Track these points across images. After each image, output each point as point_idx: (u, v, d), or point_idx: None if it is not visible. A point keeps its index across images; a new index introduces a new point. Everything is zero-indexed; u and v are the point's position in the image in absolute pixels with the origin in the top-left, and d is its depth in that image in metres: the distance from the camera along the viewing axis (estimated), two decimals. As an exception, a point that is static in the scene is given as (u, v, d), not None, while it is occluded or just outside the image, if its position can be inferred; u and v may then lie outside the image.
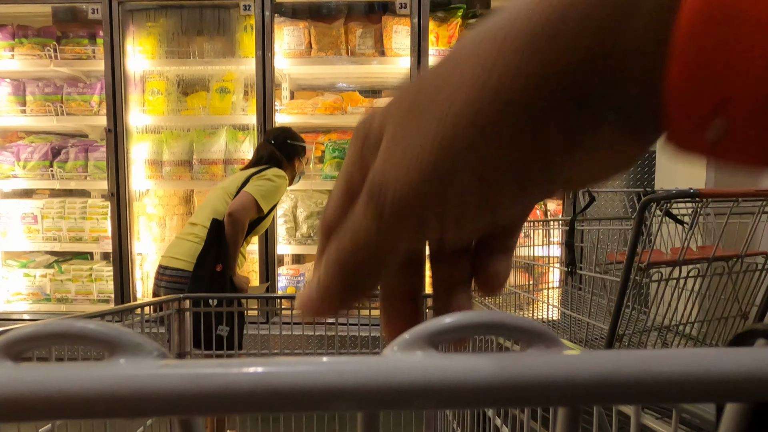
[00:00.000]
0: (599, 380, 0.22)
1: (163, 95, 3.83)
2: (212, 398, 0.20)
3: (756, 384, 0.23)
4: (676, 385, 0.22)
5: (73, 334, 0.22)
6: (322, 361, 0.21)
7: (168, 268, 2.62)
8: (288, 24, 3.71)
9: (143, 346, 0.21)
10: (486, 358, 0.22)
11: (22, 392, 0.19)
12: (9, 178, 3.84)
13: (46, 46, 3.75)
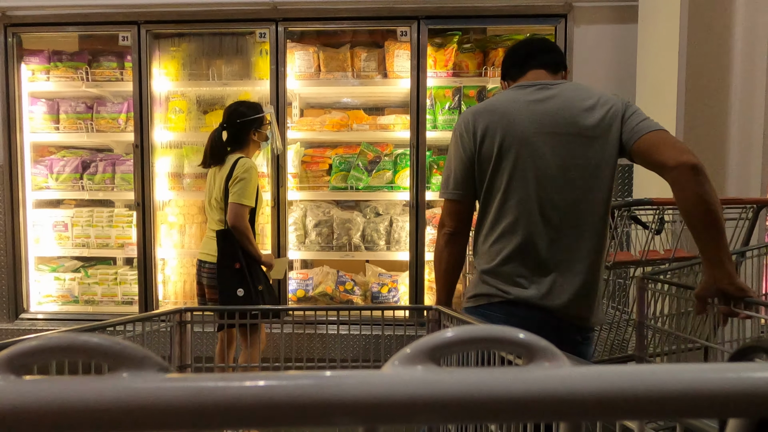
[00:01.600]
0: (601, 396, 0.20)
1: (184, 113, 3.83)
2: (214, 412, 0.19)
3: (758, 400, 0.21)
4: (678, 401, 0.21)
5: (76, 348, 0.20)
6: (323, 375, 0.20)
7: (205, 262, 2.87)
8: (299, 48, 3.72)
9: (146, 359, 0.20)
10: (487, 372, 0.20)
11: (26, 406, 0.18)
12: (42, 189, 3.84)
13: (78, 69, 3.77)
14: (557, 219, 1.59)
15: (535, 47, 1.73)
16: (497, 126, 1.62)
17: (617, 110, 1.58)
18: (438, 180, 3.69)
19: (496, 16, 3.49)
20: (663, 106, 2.94)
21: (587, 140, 1.57)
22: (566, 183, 1.58)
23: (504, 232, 1.63)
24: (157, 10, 3.53)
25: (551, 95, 1.62)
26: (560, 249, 1.59)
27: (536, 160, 1.59)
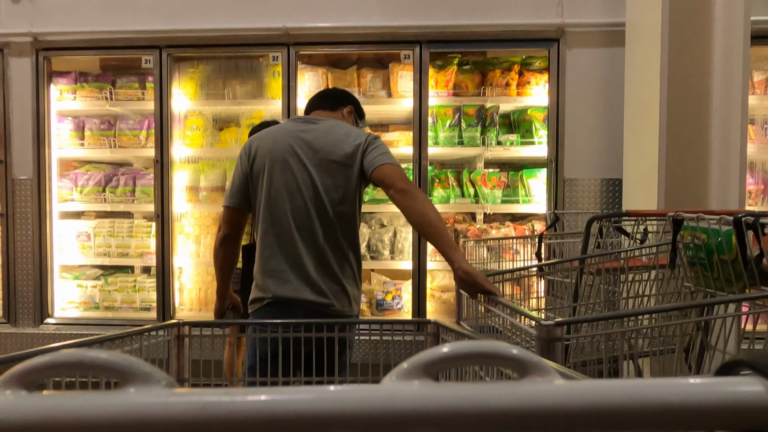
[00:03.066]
0: (592, 410, 0.20)
1: (201, 130, 3.85)
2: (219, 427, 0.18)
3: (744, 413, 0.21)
4: (667, 415, 0.20)
5: (85, 364, 0.20)
6: (324, 390, 0.19)
7: None
8: (309, 70, 3.74)
9: (152, 375, 0.19)
10: (481, 387, 0.20)
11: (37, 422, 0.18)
12: (67, 201, 3.85)
13: (103, 90, 3.79)
14: (307, 226, 1.85)
15: (323, 94, 2.10)
16: (267, 149, 1.88)
17: (361, 145, 1.87)
18: (439, 193, 3.69)
19: (493, 41, 3.50)
20: (648, 126, 2.94)
21: (337, 165, 1.86)
22: (315, 197, 1.85)
23: (267, 238, 1.88)
24: (178, 36, 3.56)
25: (313, 128, 1.91)
26: (317, 248, 1.85)
27: (290, 177, 1.85)
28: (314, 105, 2.05)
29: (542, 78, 3.63)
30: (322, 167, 1.85)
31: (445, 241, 1.72)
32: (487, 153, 3.78)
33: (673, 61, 2.77)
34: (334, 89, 2.13)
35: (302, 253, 1.84)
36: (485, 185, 3.73)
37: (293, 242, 1.84)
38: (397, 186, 1.78)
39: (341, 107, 2.04)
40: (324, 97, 2.07)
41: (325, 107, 2.02)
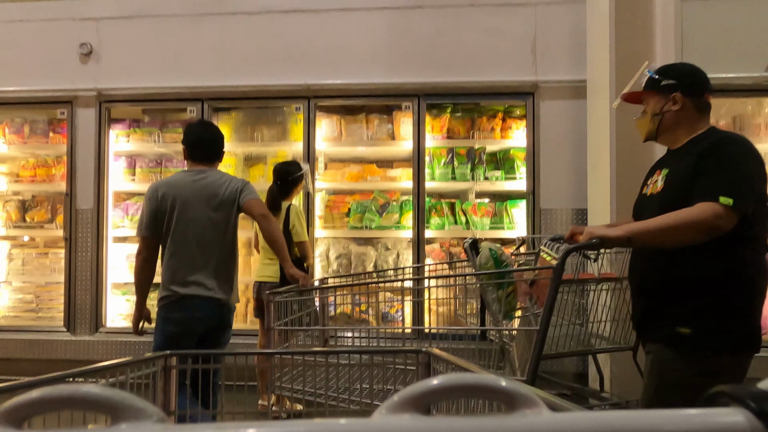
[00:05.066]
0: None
1: (233, 168, 3.86)
2: (209, 461, 0.16)
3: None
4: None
5: (77, 399, 0.16)
6: (314, 423, 0.17)
7: (265, 283, 2.97)
8: (325, 117, 3.76)
9: (144, 411, 0.16)
10: (470, 421, 0.17)
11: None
12: (118, 228, 3.84)
13: (152, 134, 3.83)
14: (207, 243, 2.20)
15: (205, 152, 2.35)
16: (171, 193, 2.22)
17: (238, 187, 2.28)
18: (436, 221, 3.66)
19: (480, 94, 3.54)
20: (602, 165, 2.96)
21: (221, 203, 2.24)
22: (209, 227, 2.22)
23: (177, 255, 2.20)
24: (217, 90, 3.61)
25: (203, 177, 2.27)
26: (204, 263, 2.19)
27: (192, 214, 2.20)
28: (201, 159, 2.34)
29: (522, 124, 3.64)
30: (213, 205, 2.24)
31: (282, 254, 2.31)
32: (476, 187, 3.77)
33: (621, 111, 2.80)
34: (212, 146, 2.37)
35: (202, 265, 2.19)
36: (475, 214, 3.71)
37: (195, 258, 2.19)
38: (259, 213, 2.27)
39: (219, 161, 2.43)
40: (208, 156, 2.36)
41: (209, 162, 2.35)
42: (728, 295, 1.44)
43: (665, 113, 1.56)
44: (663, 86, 1.56)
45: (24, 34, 3.70)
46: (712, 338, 1.44)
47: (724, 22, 3.31)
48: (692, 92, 1.54)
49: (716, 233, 1.38)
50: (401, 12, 3.54)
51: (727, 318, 1.44)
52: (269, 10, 3.61)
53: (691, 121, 1.55)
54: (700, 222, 1.37)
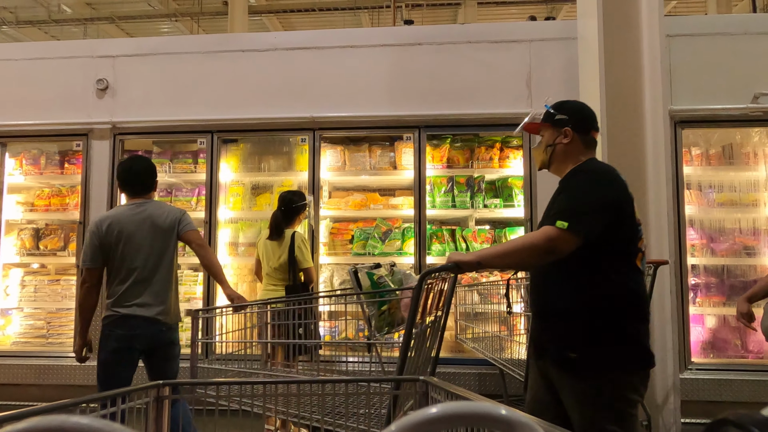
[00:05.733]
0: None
1: (241, 196, 4.10)
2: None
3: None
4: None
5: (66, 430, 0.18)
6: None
7: None
8: (329, 148, 4.02)
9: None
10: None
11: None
12: (130, 255, 4.05)
13: (163, 164, 4.08)
14: (147, 271, 2.49)
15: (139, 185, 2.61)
16: (115, 226, 2.50)
17: (177, 218, 2.59)
18: (437, 248, 3.87)
19: (478, 125, 3.79)
20: None
21: (163, 232, 2.54)
22: (150, 254, 2.50)
23: (121, 281, 2.48)
24: (227, 122, 3.88)
25: (144, 209, 2.56)
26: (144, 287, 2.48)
27: (135, 244, 2.49)
28: (138, 192, 2.62)
29: (519, 153, 3.88)
30: (154, 235, 2.53)
31: (219, 277, 2.62)
32: (476, 214, 3.98)
33: (612, 140, 3.04)
34: (146, 179, 2.63)
35: (141, 289, 2.48)
36: (475, 240, 3.91)
37: (136, 283, 2.48)
38: (197, 243, 2.61)
39: (153, 190, 2.70)
40: (143, 189, 2.63)
41: (145, 193, 2.64)
42: (606, 318, 1.57)
43: (557, 145, 1.76)
44: (557, 120, 1.77)
45: (45, 71, 4.01)
46: (599, 359, 1.55)
47: (710, 56, 3.58)
48: (581, 128, 1.76)
49: (555, 254, 1.55)
50: (402, 48, 3.83)
51: (610, 339, 1.56)
52: (277, 47, 3.91)
53: (577, 154, 1.75)
54: (535, 244, 1.56)
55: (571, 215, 1.55)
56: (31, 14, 10.17)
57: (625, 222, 1.62)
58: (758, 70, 3.53)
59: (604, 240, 1.57)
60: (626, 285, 1.61)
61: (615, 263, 1.61)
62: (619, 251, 1.62)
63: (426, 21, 9.90)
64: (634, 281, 1.62)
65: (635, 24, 3.19)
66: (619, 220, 1.61)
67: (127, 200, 2.63)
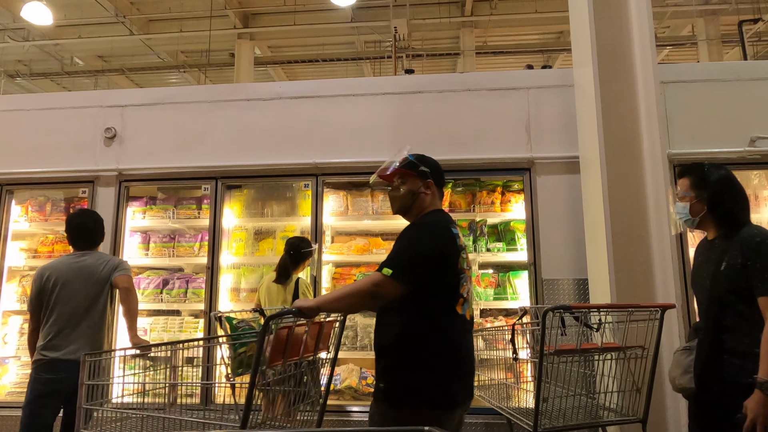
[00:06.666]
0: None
1: (244, 242, 4.13)
2: None
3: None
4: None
5: None
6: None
7: None
8: (332, 193, 4.08)
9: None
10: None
11: None
12: (130, 301, 4.05)
13: (167, 210, 4.14)
14: (78, 314, 2.69)
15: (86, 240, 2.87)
16: (55, 274, 2.74)
17: (114, 266, 2.81)
18: (439, 292, 3.84)
19: (479, 170, 3.85)
20: (599, 237, 3.19)
21: (97, 281, 2.76)
22: (82, 301, 2.71)
23: (52, 326, 2.69)
24: (231, 169, 3.97)
25: (83, 259, 2.80)
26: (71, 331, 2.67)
27: (68, 291, 2.71)
28: (83, 246, 2.87)
29: (520, 197, 3.93)
30: (89, 282, 2.75)
31: (131, 323, 2.76)
32: (479, 258, 3.99)
33: (613, 185, 3.10)
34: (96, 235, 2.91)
35: (68, 333, 2.66)
36: (479, 285, 3.90)
37: (66, 328, 2.66)
38: (122, 286, 2.78)
39: (99, 244, 2.94)
40: (89, 243, 2.89)
41: (90, 246, 2.88)
42: (416, 358, 1.74)
43: (420, 194, 1.94)
44: (421, 171, 1.95)
45: (55, 120, 4.15)
46: (403, 394, 1.73)
47: (705, 102, 3.69)
48: (439, 183, 1.99)
49: (381, 298, 1.75)
50: (403, 96, 3.96)
51: (417, 377, 1.72)
52: (281, 96, 4.06)
53: (431, 205, 1.95)
54: (363, 289, 1.74)
55: (396, 264, 1.74)
56: (45, 67, 10.60)
57: (447, 272, 1.80)
58: (753, 115, 3.62)
59: (426, 287, 1.75)
60: (440, 329, 1.77)
61: (434, 309, 1.78)
62: (440, 298, 1.79)
63: (426, 70, 10.27)
64: (450, 326, 1.78)
65: (630, 71, 3.32)
66: (441, 270, 1.79)
67: (73, 251, 2.87)
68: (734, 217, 1.87)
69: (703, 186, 1.92)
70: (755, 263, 1.74)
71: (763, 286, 1.71)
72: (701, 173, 1.94)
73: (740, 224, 1.85)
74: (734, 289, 1.78)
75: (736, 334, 1.77)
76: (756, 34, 8.80)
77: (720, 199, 1.89)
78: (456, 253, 1.83)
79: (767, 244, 1.75)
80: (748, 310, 1.75)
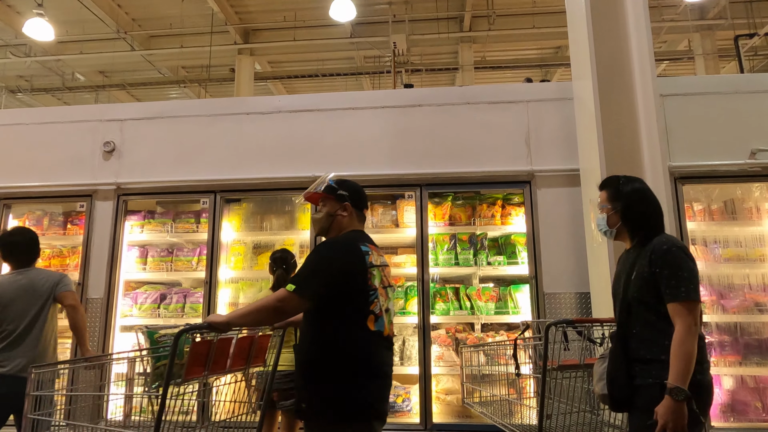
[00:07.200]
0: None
1: (242, 256, 4.09)
2: None
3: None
4: None
5: None
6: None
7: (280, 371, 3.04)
8: (331, 207, 4.05)
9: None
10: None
11: None
12: (126, 317, 4.00)
13: (165, 224, 4.12)
14: (22, 331, 2.70)
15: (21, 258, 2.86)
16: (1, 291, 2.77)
17: (55, 281, 2.82)
18: (440, 307, 3.80)
19: (479, 183, 3.84)
20: (601, 254, 3.16)
21: (40, 296, 2.78)
22: (25, 318, 2.73)
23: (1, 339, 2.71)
24: (230, 183, 3.95)
25: (23, 277, 2.81)
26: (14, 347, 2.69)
27: (12, 309, 2.72)
28: (20, 264, 2.88)
29: (521, 210, 3.91)
30: (31, 299, 2.76)
31: (81, 340, 2.82)
32: (479, 272, 3.95)
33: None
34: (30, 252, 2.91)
35: (10, 349, 2.68)
36: (480, 299, 3.86)
37: (10, 344, 2.69)
38: (68, 303, 2.80)
39: (35, 260, 2.94)
40: (25, 261, 2.89)
41: (27, 264, 2.88)
42: (326, 372, 1.81)
43: (337, 216, 2.05)
44: (339, 194, 2.07)
45: (54, 134, 4.15)
46: (320, 410, 1.79)
47: (704, 114, 3.70)
48: (358, 206, 2.09)
49: (284, 313, 1.84)
50: (402, 110, 3.97)
51: (328, 390, 1.79)
52: (281, 109, 4.06)
53: (348, 226, 2.05)
54: (268, 304, 1.82)
55: (298, 280, 1.84)
56: (46, 82, 10.66)
57: (352, 288, 1.87)
58: (752, 127, 3.63)
59: (332, 303, 1.84)
60: (349, 345, 1.83)
61: (343, 324, 1.85)
62: (348, 314, 1.86)
63: (425, 85, 10.33)
64: (359, 341, 1.85)
65: (629, 84, 3.32)
66: (344, 287, 1.86)
67: (10, 269, 2.89)
68: (646, 228, 1.92)
69: (618, 198, 1.97)
70: (663, 271, 1.77)
71: (671, 293, 1.73)
72: (617, 186, 1.99)
73: (652, 234, 1.89)
74: (642, 298, 1.81)
75: (643, 342, 1.79)
76: (752, 49, 8.88)
77: (632, 210, 1.94)
78: (363, 270, 1.89)
79: (674, 252, 1.78)
80: (654, 319, 1.77)
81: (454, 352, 3.76)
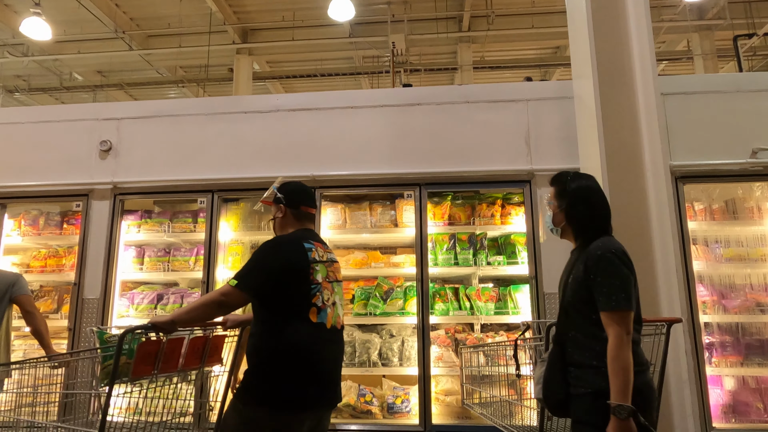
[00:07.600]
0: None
1: (240, 256, 4.06)
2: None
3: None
4: None
5: None
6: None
7: None
8: (330, 206, 4.03)
9: None
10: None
11: None
12: (123, 317, 3.96)
13: (162, 224, 4.08)
14: None
15: None
16: None
17: (10, 281, 2.82)
18: (440, 307, 3.77)
19: (479, 182, 3.81)
20: None
21: None
22: None
23: None
24: (228, 182, 3.91)
25: None
26: None
27: None
28: None
29: (521, 210, 3.88)
30: None
31: (44, 342, 2.88)
32: (479, 272, 3.92)
33: (615, 198, 3.05)
34: None
35: None
36: (479, 299, 3.83)
37: None
38: (26, 309, 2.86)
39: None
40: None
41: None
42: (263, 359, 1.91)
43: (276, 218, 2.26)
44: (276, 198, 2.24)
45: (50, 133, 4.11)
46: (253, 395, 1.88)
47: (705, 113, 3.67)
48: (291, 205, 2.21)
49: (228, 307, 1.94)
50: (401, 109, 3.94)
51: (260, 377, 1.89)
52: (279, 108, 4.02)
53: (288, 226, 2.21)
54: (211, 299, 1.92)
55: (240, 275, 1.95)
56: (44, 82, 10.62)
57: (292, 282, 1.97)
58: (754, 126, 3.60)
59: (274, 297, 1.94)
60: (290, 336, 1.92)
61: (284, 317, 1.94)
62: (289, 307, 1.95)
63: (424, 85, 10.30)
64: (299, 333, 1.94)
65: (630, 83, 3.30)
66: (285, 281, 1.96)
67: None
68: (588, 229, 1.86)
69: (563, 196, 1.91)
70: (596, 277, 1.72)
71: (603, 301, 1.69)
72: (564, 183, 1.92)
73: (595, 236, 1.83)
74: (576, 302, 1.78)
75: (578, 347, 1.76)
76: (751, 49, 8.87)
77: (576, 209, 1.87)
78: (306, 265, 2.02)
79: (607, 257, 1.72)
80: (587, 323, 1.74)
81: (454, 352, 3.73)
